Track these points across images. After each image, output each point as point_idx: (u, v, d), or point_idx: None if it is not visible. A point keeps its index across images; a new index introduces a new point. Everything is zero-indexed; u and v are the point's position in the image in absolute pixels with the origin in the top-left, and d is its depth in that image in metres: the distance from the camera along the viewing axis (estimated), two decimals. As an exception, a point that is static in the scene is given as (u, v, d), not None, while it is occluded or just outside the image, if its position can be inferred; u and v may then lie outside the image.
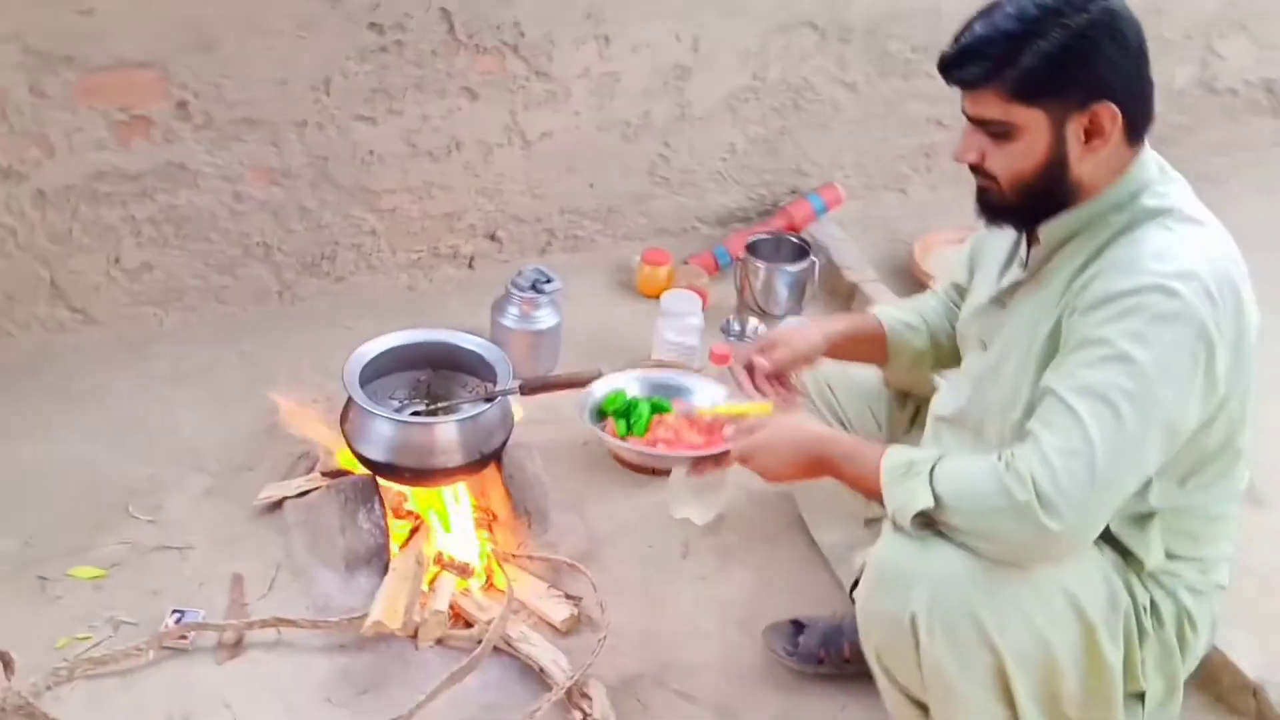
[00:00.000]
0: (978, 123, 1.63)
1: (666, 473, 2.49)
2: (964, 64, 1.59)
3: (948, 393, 1.95)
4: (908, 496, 1.58)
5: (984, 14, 1.59)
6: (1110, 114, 1.56)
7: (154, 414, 2.69)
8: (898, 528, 1.62)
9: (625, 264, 3.35)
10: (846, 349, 2.10)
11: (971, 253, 1.98)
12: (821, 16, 3.42)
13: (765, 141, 3.57)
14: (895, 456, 1.64)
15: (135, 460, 2.54)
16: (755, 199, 3.63)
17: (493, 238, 3.29)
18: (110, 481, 2.47)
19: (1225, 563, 1.81)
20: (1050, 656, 1.61)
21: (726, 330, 2.95)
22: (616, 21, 3.12)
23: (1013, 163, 1.62)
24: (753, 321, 2.98)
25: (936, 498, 1.55)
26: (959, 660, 1.59)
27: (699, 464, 1.99)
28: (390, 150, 3.02)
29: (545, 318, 2.86)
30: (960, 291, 2.03)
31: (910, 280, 3.30)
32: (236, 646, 2.11)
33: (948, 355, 2.06)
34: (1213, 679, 2.07)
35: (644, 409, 2.09)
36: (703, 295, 3.13)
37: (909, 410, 2.20)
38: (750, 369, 2.03)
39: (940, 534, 1.58)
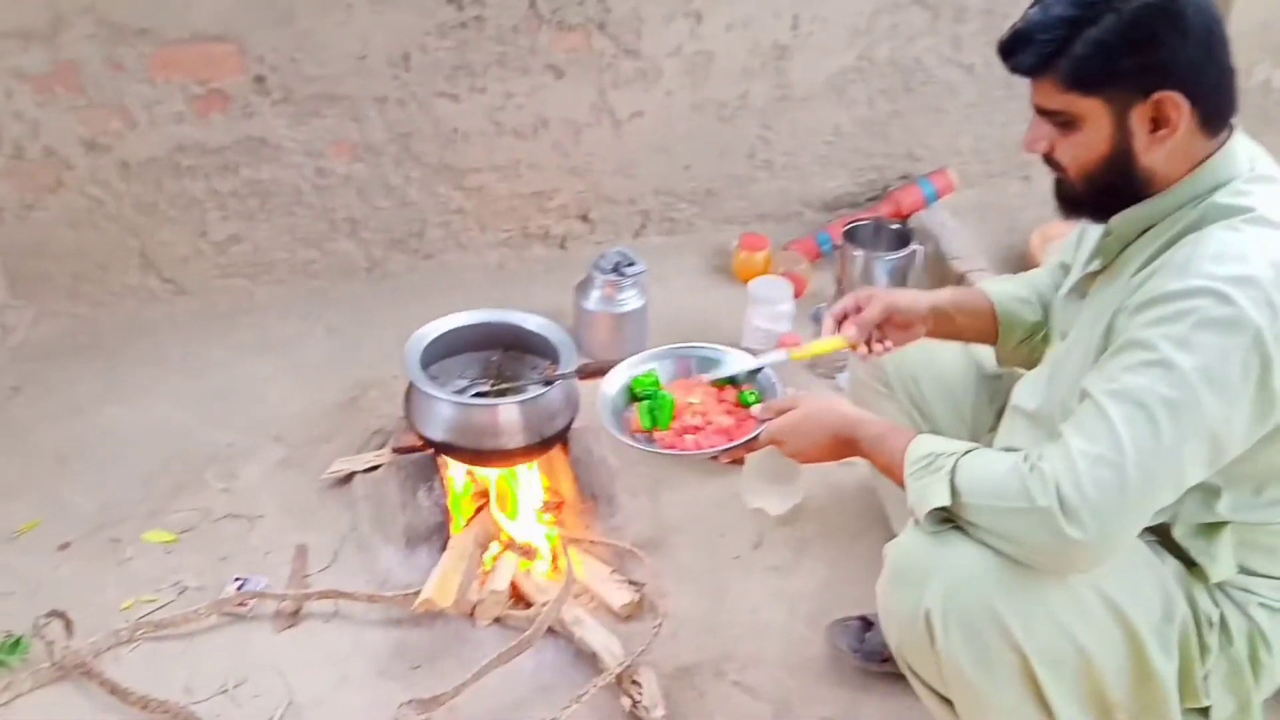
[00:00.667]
0: (1042, 112, 1.58)
1: (740, 461, 2.46)
2: (1017, 51, 1.54)
3: (1029, 385, 1.88)
4: (927, 491, 1.54)
5: None
6: (1175, 104, 1.48)
7: (240, 384, 2.78)
8: (916, 521, 1.57)
9: (723, 248, 3.34)
10: (953, 321, 2.03)
11: (1079, 235, 1.91)
12: (934, -7, 3.35)
13: (873, 124, 3.52)
14: (921, 447, 1.60)
15: (217, 428, 2.62)
16: (863, 184, 3.58)
17: (585, 218, 3.30)
18: (191, 449, 2.56)
19: None
20: (1087, 660, 1.55)
21: (817, 318, 2.89)
22: (708, -1, 3.10)
23: (1079, 154, 1.57)
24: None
25: (955, 494, 1.50)
26: (979, 660, 1.54)
27: (732, 451, 1.96)
28: (475, 128, 3.06)
29: (629, 301, 2.86)
30: (1065, 271, 1.95)
31: (1025, 269, 3.18)
32: (295, 616, 2.15)
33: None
34: None
35: (666, 399, 2.01)
36: (802, 282, 3.10)
37: (996, 405, 2.12)
38: (842, 320, 1.99)
39: (961, 530, 1.53)
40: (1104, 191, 1.59)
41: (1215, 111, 1.53)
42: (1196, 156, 1.54)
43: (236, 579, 2.21)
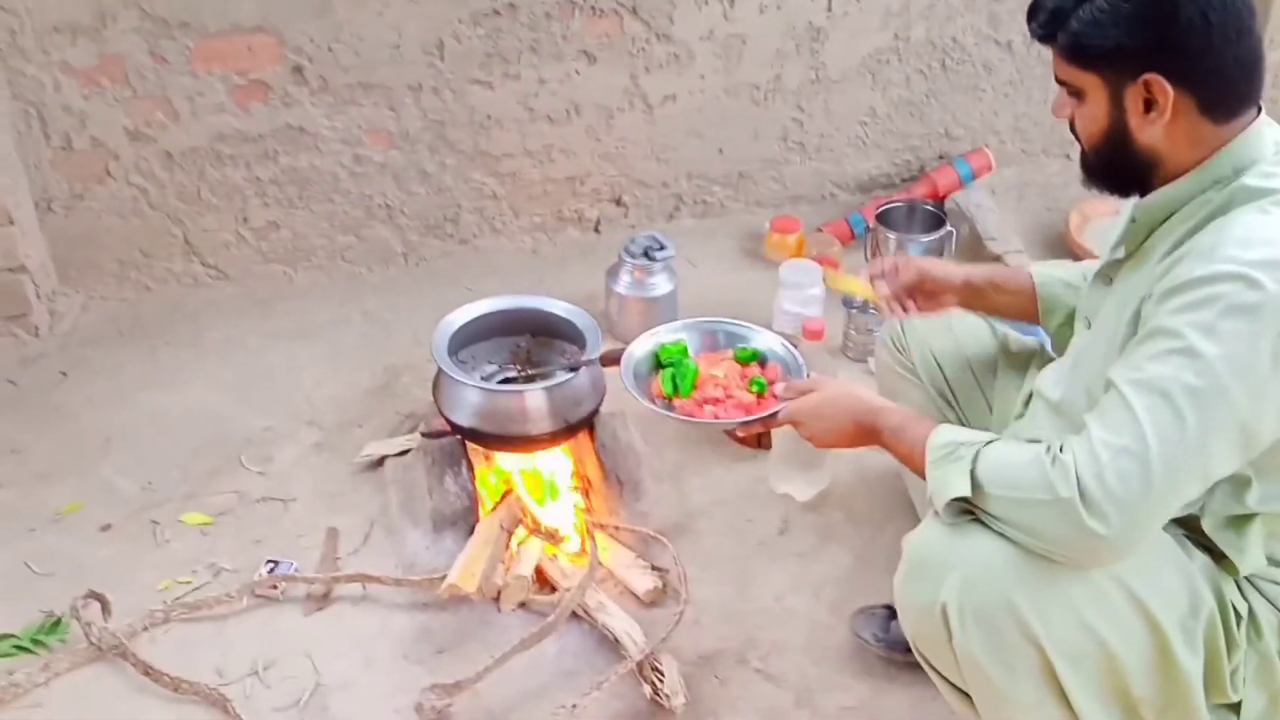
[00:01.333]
0: (1058, 81, 1.59)
1: (769, 446, 2.46)
2: (1031, 18, 1.57)
3: (1053, 373, 1.86)
4: (946, 481, 1.52)
5: None
6: (1160, 87, 1.47)
7: (277, 368, 2.81)
8: (936, 512, 1.55)
9: (756, 231, 3.32)
10: (987, 297, 2.04)
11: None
12: (971, -29, 3.31)
13: (909, 105, 3.48)
14: (942, 436, 1.58)
15: (255, 412, 2.66)
16: (899, 165, 3.55)
17: (618, 202, 3.30)
18: (229, 432, 2.60)
19: None
20: (1110, 656, 1.52)
21: (849, 303, 2.87)
22: (741, -19, 3.08)
23: (1086, 125, 1.58)
24: (879, 292, 2.90)
25: (976, 484, 1.49)
26: (996, 655, 1.52)
27: (748, 426, 1.98)
28: (508, 114, 3.06)
29: (659, 284, 2.86)
30: None
31: (1063, 253, 3.16)
32: (324, 599, 2.19)
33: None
34: None
35: (690, 367, 2.05)
36: (834, 264, 3.07)
37: (1024, 393, 2.10)
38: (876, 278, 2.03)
39: (981, 522, 1.51)
40: (1109, 164, 1.60)
41: (1218, 98, 1.50)
42: (1209, 141, 1.51)
43: (268, 562, 2.24)
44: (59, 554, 2.27)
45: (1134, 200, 1.68)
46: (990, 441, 1.53)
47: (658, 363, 2.10)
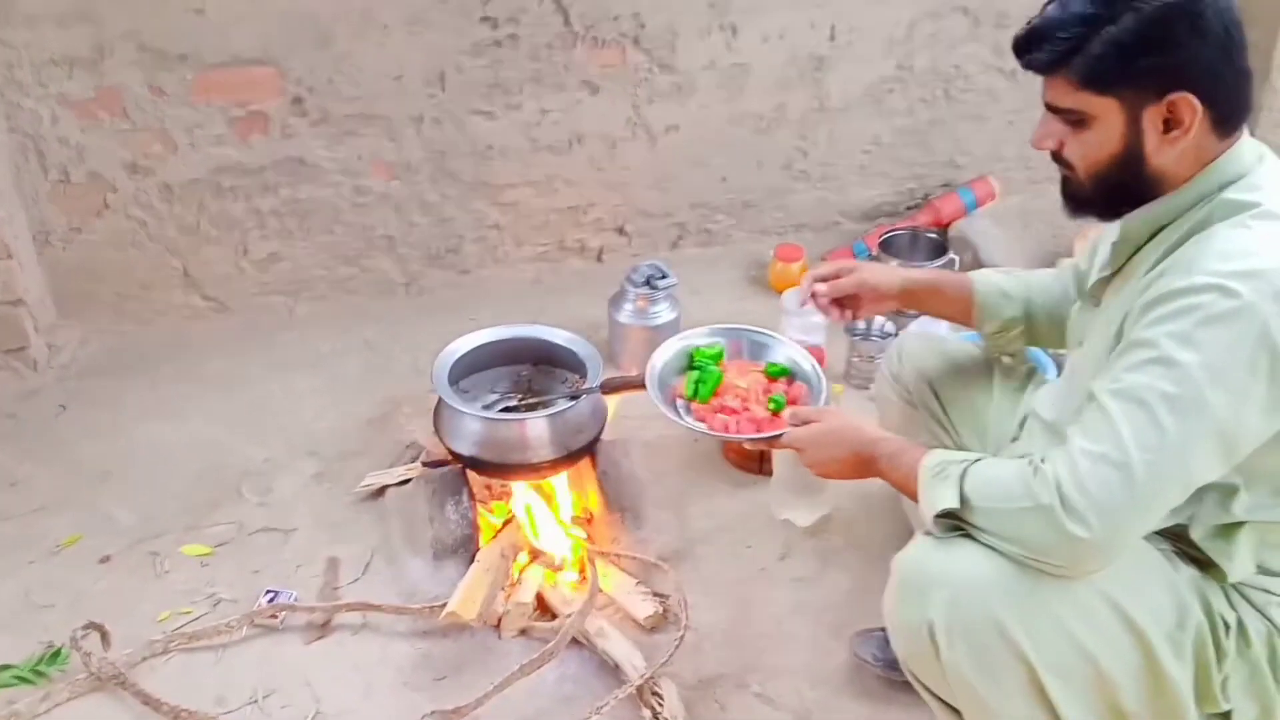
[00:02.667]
0: (1053, 109, 1.59)
1: (769, 472, 2.49)
2: (1033, 48, 1.55)
3: (1049, 394, 1.91)
4: (935, 496, 1.56)
5: None
6: (1189, 105, 1.49)
7: (277, 399, 2.86)
8: (927, 531, 1.60)
9: (759, 259, 3.37)
10: (925, 302, 2.11)
11: (1094, 242, 1.92)
12: (973, 0, 3.36)
13: (913, 133, 3.54)
14: (933, 458, 1.62)
15: (254, 443, 2.70)
16: (904, 193, 3.60)
17: (621, 231, 3.36)
18: (228, 463, 2.64)
19: None
20: (1098, 670, 1.56)
21: (851, 330, 2.91)
22: (743, 11, 3.14)
23: (1089, 152, 1.58)
24: (879, 319, 2.94)
25: (964, 498, 1.53)
26: (984, 672, 1.55)
27: (752, 444, 2.03)
28: (510, 144, 3.12)
29: (662, 313, 2.90)
30: (1081, 277, 1.97)
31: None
32: (324, 628, 2.22)
33: (1043, 334, 2.04)
34: None
35: (715, 373, 2.09)
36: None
37: (1019, 415, 2.13)
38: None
39: (969, 537, 1.55)
40: (1113, 190, 1.60)
41: (1229, 113, 1.54)
42: (1207, 157, 1.55)
43: (268, 592, 2.28)
44: (59, 585, 2.31)
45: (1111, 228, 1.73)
46: (978, 460, 1.57)
47: (690, 364, 2.14)
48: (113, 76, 2.75)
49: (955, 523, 1.56)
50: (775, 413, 2.04)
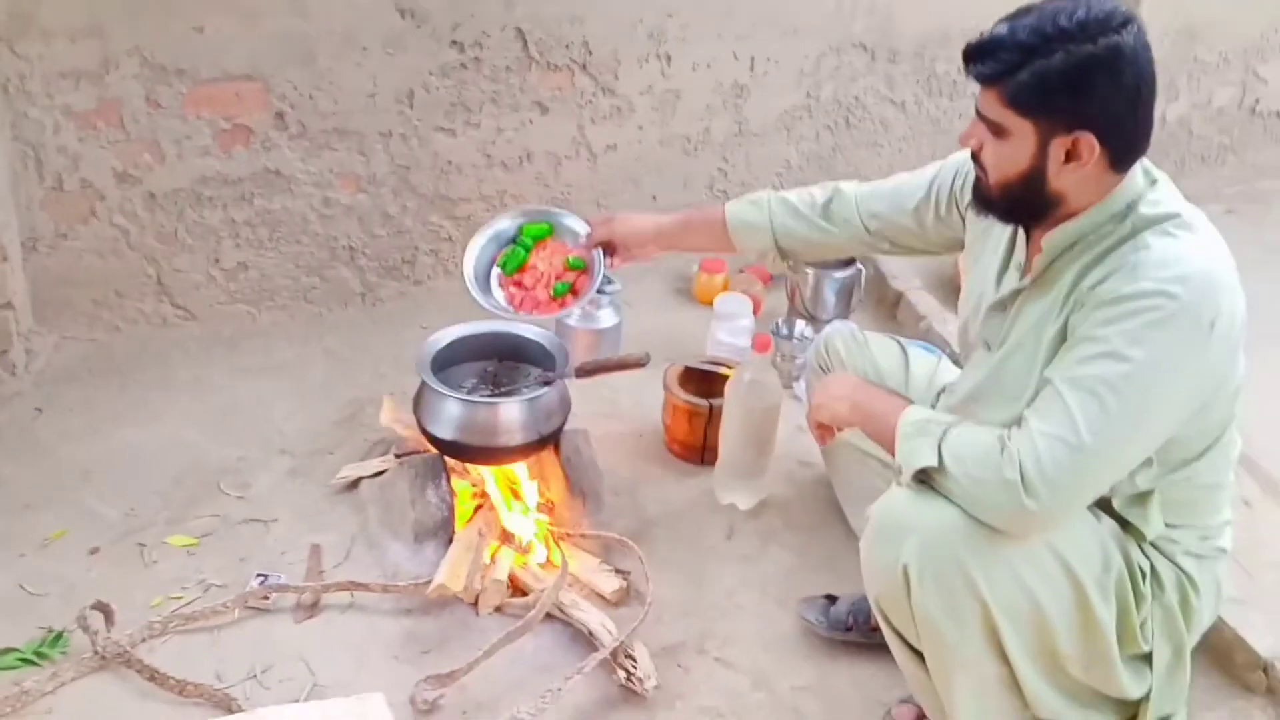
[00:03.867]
0: (981, 116, 1.68)
1: (712, 461, 2.57)
2: (978, 59, 1.64)
3: (958, 381, 2.04)
4: (916, 452, 1.66)
5: (1014, 16, 1.62)
6: (1089, 144, 1.60)
7: (246, 403, 2.83)
8: (900, 482, 1.69)
9: (684, 273, 3.44)
10: (683, 240, 2.35)
11: (966, 249, 2.03)
12: (871, 38, 3.51)
13: (819, 158, 3.66)
14: (915, 414, 1.73)
15: (227, 443, 2.67)
16: (812, 212, 3.70)
17: (561, 244, 3.40)
18: (204, 462, 2.61)
19: (1227, 527, 1.86)
20: (1040, 613, 1.67)
21: (776, 332, 3.01)
22: (677, 41, 3.23)
23: (1000, 161, 1.68)
24: (799, 324, 3.05)
25: (941, 459, 1.63)
26: (947, 609, 1.66)
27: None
28: (467, 160, 3.15)
29: (606, 317, 2.96)
30: (905, 217, 2.12)
31: (953, 288, 3.34)
32: (313, 608, 2.21)
33: (801, 254, 2.29)
34: (1227, 658, 2.11)
35: (521, 254, 2.37)
36: (757, 302, 3.20)
37: (934, 395, 2.24)
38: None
39: (937, 491, 1.65)
40: (1015, 201, 1.71)
41: (1124, 155, 1.65)
42: (1105, 188, 1.66)
43: (258, 575, 2.26)
44: (51, 576, 2.26)
45: (997, 239, 1.87)
46: (956, 423, 1.67)
47: (516, 237, 2.38)
48: (115, 89, 2.71)
49: (924, 475, 1.66)
50: (556, 298, 2.30)
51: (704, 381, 2.70)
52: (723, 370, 2.67)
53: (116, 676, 2.04)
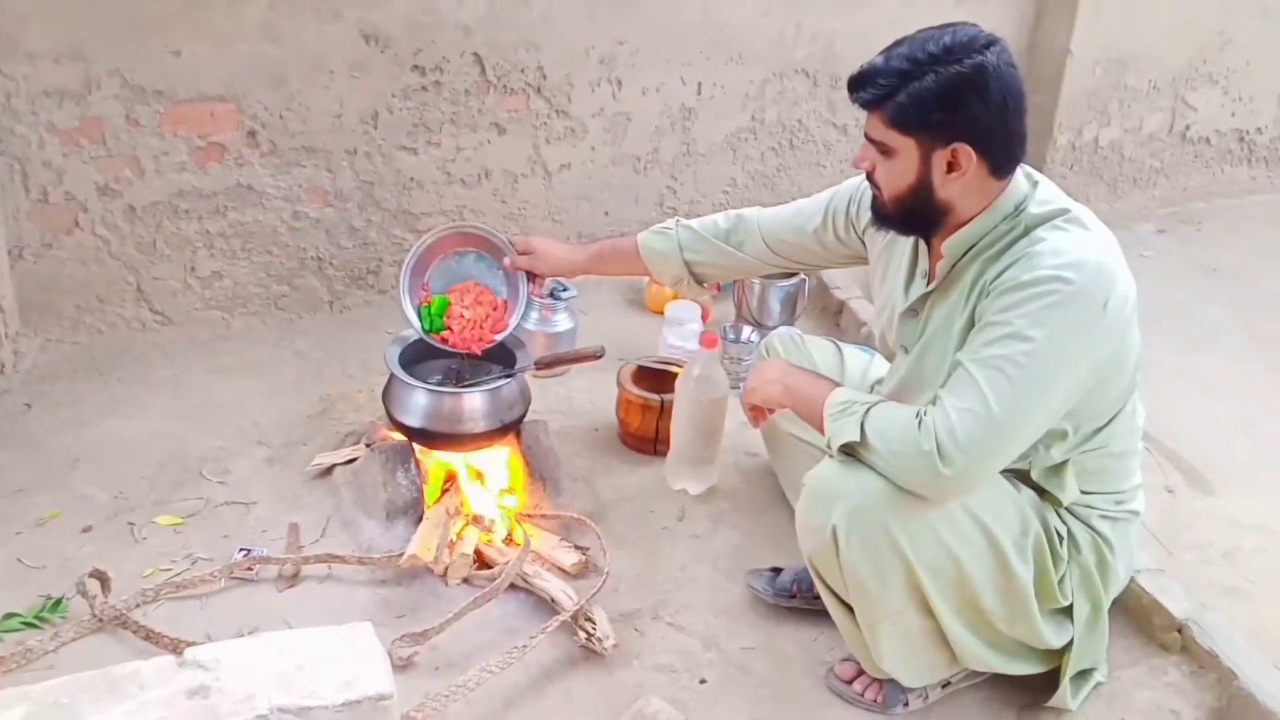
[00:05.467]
0: (869, 139, 1.85)
1: (664, 452, 2.80)
2: (859, 87, 1.81)
3: (884, 381, 2.23)
4: (841, 429, 1.86)
5: (889, 48, 1.79)
6: (967, 154, 1.77)
7: (222, 398, 3.03)
8: (830, 455, 1.90)
9: (636, 284, 3.66)
10: (605, 269, 2.58)
11: (871, 266, 2.23)
12: (813, 65, 3.76)
13: (764, 177, 3.90)
14: (840, 395, 1.93)
15: (206, 435, 2.87)
16: (756, 228, 3.95)
17: (518, 259, 3.62)
18: (186, 451, 2.80)
19: (1139, 491, 2.06)
20: (961, 571, 1.87)
21: (724, 335, 3.25)
22: (627, 66, 3.48)
23: (891, 178, 1.85)
24: (746, 329, 3.29)
25: (864, 435, 1.82)
26: (873, 567, 1.86)
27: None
28: (428, 177, 3.37)
29: (562, 321, 3.21)
30: (807, 239, 2.33)
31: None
32: (294, 579, 2.40)
33: (711, 276, 2.50)
34: (1147, 621, 2.30)
35: (438, 303, 2.58)
36: (706, 310, 3.43)
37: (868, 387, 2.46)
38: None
39: (863, 462, 1.85)
40: (908, 212, 1.88)
41: (1003, 162, 1.81)
42: (991, 193, 1.84)
43: (242, 549, 2.45)
44: (47, 551, 2.43)
45: (900, 254, 2.06)
46: (876, 403, 1.87)
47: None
48: (97, 108, 2.90)
49: (849, 448, 1.85)
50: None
51: (655, 379, 2.93)
52: (673, 369, 2.89)
53: (114, 637, 2.21)
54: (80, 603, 2.26)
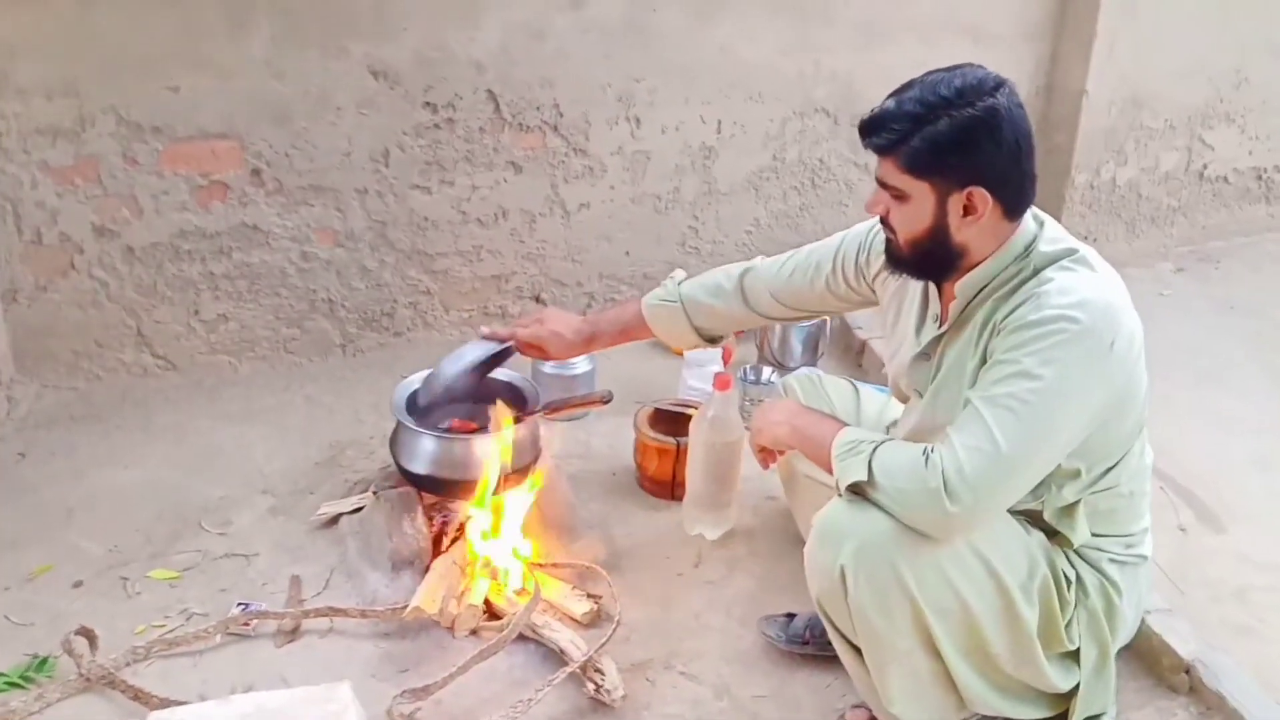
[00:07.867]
0: (882, 184, 1.82)
1: (680, 497, 2.70)
2: (871, 133, 1.78)
3: (899, 423, 2.18)
4: (849, 469, 1.82)
5: (899, 91, 1.77)
6: (983, 197, 1.75)
7: (227, 446, 2.95)
8: (839, 495, 1.85)
9: (655, 326, 3.58)
10: (612, 342, 2.53)
11: (882, 313, 2.19)
12: (833, 103, 3.70)
13: (787, 216, 3.83)
14: (848, 435, 1.89)
15: (208, 484, 2.79)
16: (780, 269, 3.87)
17: (537, 299, 3.55)
18: (186, 501, 2.72)
19: (1147, 535, 2.03)
20: (968, 612, 1.82)
21: (744, 378, 3.16)
22: (645, 105, 3.42)
23: (906, 223, 1.82)
24: (767, 370, 3.20)
25: (871, 474, 1.78)
26: (879, 606, 1.81)
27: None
28: (443, 217, 3.31)
29: (579, 364, 3.12)
30: (818, 287, 2.28)
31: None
32: (294, 633, 2.30)
33: (721, 333, 2.48)
34: (1155, 662, 2.25)
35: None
36: (728, 351, 3.34)
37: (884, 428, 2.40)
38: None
39: (872, 501, 1.80)
40: (924, 255, 1.85)
41: (1016, 204, 1.80)
42: (1004, 234, 1.82)
43: (239, 603, 2.36)
44: (36, 607, 2.35)
45: (911, 299, 2.02)
46: (883, 442, 1.83)
47: None
48: (92, 146, 2.86)
49: (858, 488, 1.80)
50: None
51: (673, 422, 2.84)
52: (690, 411, 2.80)
53: (101, 697, 2.12)
54: (68, 661, 2.17)
